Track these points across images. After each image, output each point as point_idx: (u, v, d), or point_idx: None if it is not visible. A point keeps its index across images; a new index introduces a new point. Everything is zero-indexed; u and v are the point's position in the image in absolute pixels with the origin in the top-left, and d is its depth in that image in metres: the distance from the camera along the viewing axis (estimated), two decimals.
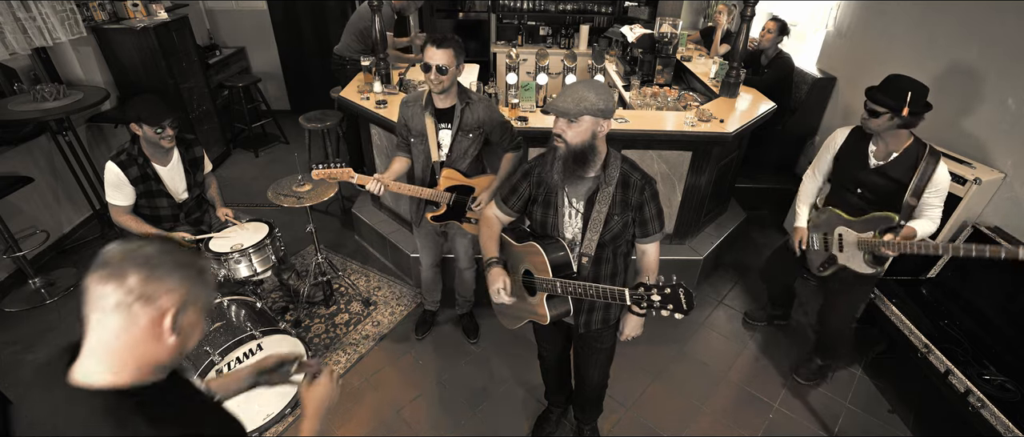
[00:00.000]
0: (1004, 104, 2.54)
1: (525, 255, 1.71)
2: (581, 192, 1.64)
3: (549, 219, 1.70)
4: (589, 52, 5.26)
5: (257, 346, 2.20)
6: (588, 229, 1.63)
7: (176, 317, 0.85)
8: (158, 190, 2.46)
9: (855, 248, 2.23)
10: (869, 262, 2.22)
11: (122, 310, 0.81)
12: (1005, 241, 2.42)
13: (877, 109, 2.00)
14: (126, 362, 0.83)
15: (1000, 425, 1.98)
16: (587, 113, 1.49)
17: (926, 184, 2.03)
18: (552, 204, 1.68)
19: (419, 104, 2.24)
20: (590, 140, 1.54)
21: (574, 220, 1.67)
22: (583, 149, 1.54)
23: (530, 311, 1.77)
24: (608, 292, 1.51)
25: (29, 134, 3.29)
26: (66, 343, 0.88)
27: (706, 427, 2.49)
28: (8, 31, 3.05)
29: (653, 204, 1.67)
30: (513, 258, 1.78)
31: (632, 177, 1.63)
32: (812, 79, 3.86)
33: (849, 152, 2.25)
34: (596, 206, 1.61)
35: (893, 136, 2.07)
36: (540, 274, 1.66)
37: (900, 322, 2.48)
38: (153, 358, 0.86)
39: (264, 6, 5.44)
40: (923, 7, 2.99)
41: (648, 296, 1.41)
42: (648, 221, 1.68)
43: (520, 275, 1.76)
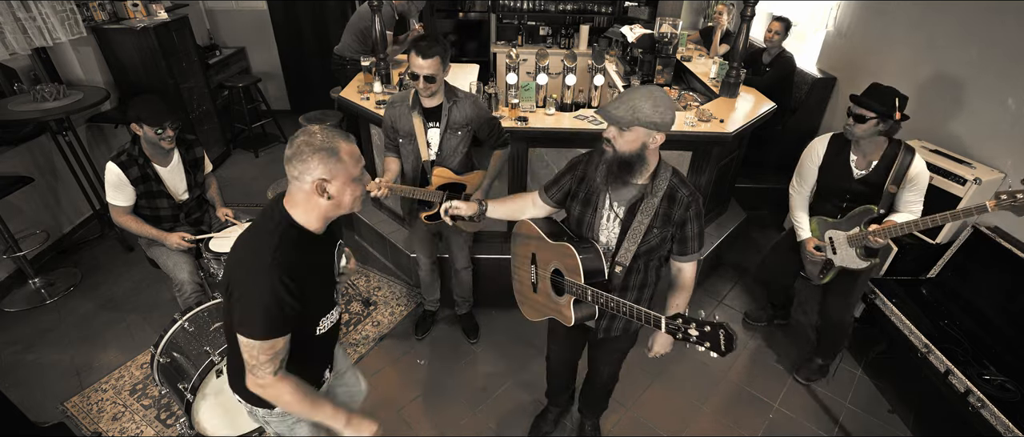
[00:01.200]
0: (1004, 104, 2.54)
1: (558, 254, 1.67)
2: (624, 198, 1.60)
3: (586, 218, 1.66)
4: (589, 52, 5.25)
5: None
6: (626, 238, 1.59)
7: (322, 187, 1.24)
8: (158, 191, 2.46)
9: (847, 246, 2.27)
10: (862, 256, 2.26)
11: (293, 183, 1.25)
12: (1005, 241, 2.42)
13: (865, 114, 2.03)
14: (306, 211, 1.29)
15: (1000, 425, 1.98)
16: (639, 125, 1.44)
17: (904, 175, 2.08)
18: (592, 203, 1.65)
19: (405, 104, 2.23)
20: (639, 150, 1.49)
21: (612, 224, 1.63)
22: (630, 159, 1.50)
23: (554, 309, 1.75)
24: (643, 315, 1.46)
25: (29, 134, 3.29)
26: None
27: (706, 427, 2.49)
28: (8, 31, 3.05)
29: (696, 223, 1.62)
30: (544, 251, 1.74)
31: (679, 192, 1.57)
32: (812, 79, 3.86)
33: (831, 164, 2.27)
34: (638, 216, 1.57)
35: (873, 143, 2.12)
36: (571, 277, 1.62)
37: (900, 322, 2.48)
38: (320, 212, 1.29)
39: (264, 6, 5.44)
40: (923, 7, 2.99)
41: (685, 329, 1.35)
42: (689, 239, 1.63)
43: (549, 271, 1.73)
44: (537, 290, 1.81)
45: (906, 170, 2.08)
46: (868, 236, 2.11)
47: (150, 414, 2.46)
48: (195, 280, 2.49)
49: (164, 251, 2.50)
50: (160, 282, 3.14)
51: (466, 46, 6.05)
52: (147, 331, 2.92)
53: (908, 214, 2.13)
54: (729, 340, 1.29)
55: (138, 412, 2.47)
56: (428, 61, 2.03)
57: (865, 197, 2.19)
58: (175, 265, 2.47)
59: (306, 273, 1.29)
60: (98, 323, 3.00)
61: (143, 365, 2.70)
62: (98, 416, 2.45)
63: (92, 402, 2.52)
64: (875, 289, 2.63)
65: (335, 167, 1.23)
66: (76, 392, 2.56)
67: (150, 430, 2.39)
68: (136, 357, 2.76)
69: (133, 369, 2.70)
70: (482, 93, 3.05)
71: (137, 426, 2.41)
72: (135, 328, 2.96)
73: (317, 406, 1.37)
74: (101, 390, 2.58)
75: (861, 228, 2.19)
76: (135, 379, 2.64)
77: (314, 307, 1.38)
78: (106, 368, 2.70)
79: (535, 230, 1.75)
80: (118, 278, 3.35)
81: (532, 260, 1.81)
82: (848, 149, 2.21)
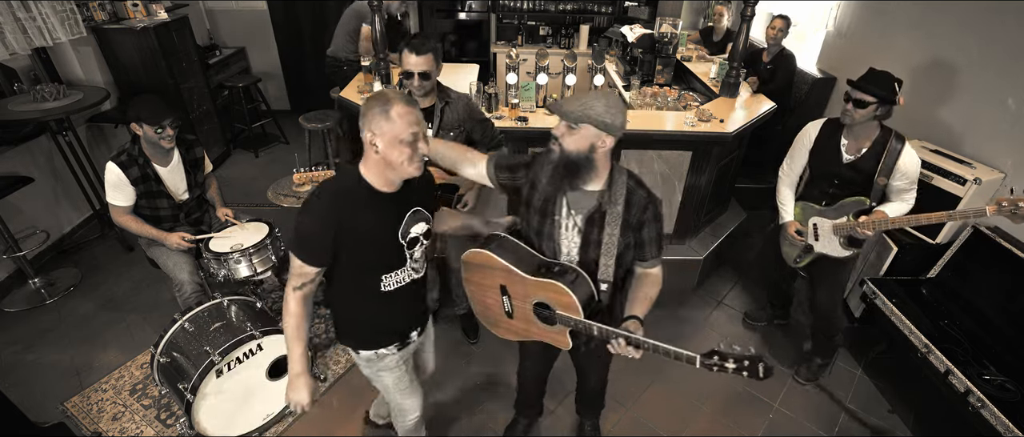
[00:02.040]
0: (1004, 104, 2.54)
1: (543, 290, 1.56)
2: (582, 206, 1.53)
3: (545, 228, 1.59)
4: (589, 52, 5.26)
5: (257, 346, 2.21)
6: (603, 255, 1.52)
7: (372, 142, 1.35)
8: (158, 190, 2.46)
9: (831, 235, 2.30)
10: (844, 245, 2.29)
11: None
12: (1005, 241, 2.42)
13: (866, 99, 2.03)
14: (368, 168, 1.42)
15: (1000, 425, 1.98)
16: (589, 123, 1.39)
17: (893, 164, 2.09)
18: (549, 213, 1.57)
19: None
20: (587, 152, 1.43)
21: (571, 234, 1.57)
22: (578, 160, 1.43)
23: (541, 335, 1.68)
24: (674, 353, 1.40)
25: (29, 134, 3.29)
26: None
27: (706, 427, 2.49)
28: (8, 31, 3.05)
29: (654, 226, 1.55)
30: (520, 285, 1.61)
31: (636, 195, 1.52)
32: (812, 79, 3.86)
33: (822, 147, 2.28)
34: (607, 229, 1.51)
35: (866, 129, 2.12)
36: (566, 312, 1.53)
37: (900, 322, 2.48)
38: (378, 169, 1.41)
39: (264, 6, 5.44)
40: (923, 7, 2.99)
41: (723, 364, 1.34)
42: (646, 243, 1.57)
43: (530, 303, 1.62)
44: (513, 318, 1.72)
45: (896, 157, 2.09)
46: (856, 227, 2.13)
47: (150, 414, 2.46)
48: (195, 280, 2.49)
49: (164, 251, 2.50)
50: (160, 282, 3.14)
51: (466, 46, 6.05)
52: (147, 331, 2.92)
53: (901, 204, 2.15)
54: (768, 370, 1.31)
55: (138, 412, 2.47)
56: (422, 57, 2.01)
57: (853, 183, 2.20)
58: (175, 265, 2.47)
59: (358, 225, 1.40)
60: (98, 323, 3.00)
61: (143, 365, 2.71)
62: (98, 416, 2.45)
63: (92, 402, 2.52)
64: (875, 289, 2.63)
65: (384, 125, 1.32)
66: (76, 392, 2.56)
67: (150, 430, 2.39)
68: (136, 357, 2.76)
69: (133, 369, 2.70)
70: (482, 93, 3.04)
71: (137, 426, 2.41)
72: (135, 328, 2.96)
73: (294, 340, 1.49)
74: (101, 390, 2.58)
75: (849, 218, 2.21)
76: (135, 379, 2.64)
77: (371, 261, 1.49)
78: (106, 368, 2.70)
79: (500, 262, 1.60)
80: (118, 278, 3.35)
81: (502, 291, 1.68)
82: (840, 134, 2.22)
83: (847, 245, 2.28)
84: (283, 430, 2.42)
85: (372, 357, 1.66)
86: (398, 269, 1.54)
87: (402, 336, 1.69)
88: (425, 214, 1.56)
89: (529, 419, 2.39)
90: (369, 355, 1.66)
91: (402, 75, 2.08)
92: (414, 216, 1.52)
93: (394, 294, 1.57)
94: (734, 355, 1.33)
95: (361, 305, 1.58)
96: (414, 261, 1.58)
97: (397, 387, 1.77)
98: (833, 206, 2.27)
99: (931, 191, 2.57)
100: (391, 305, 1.59)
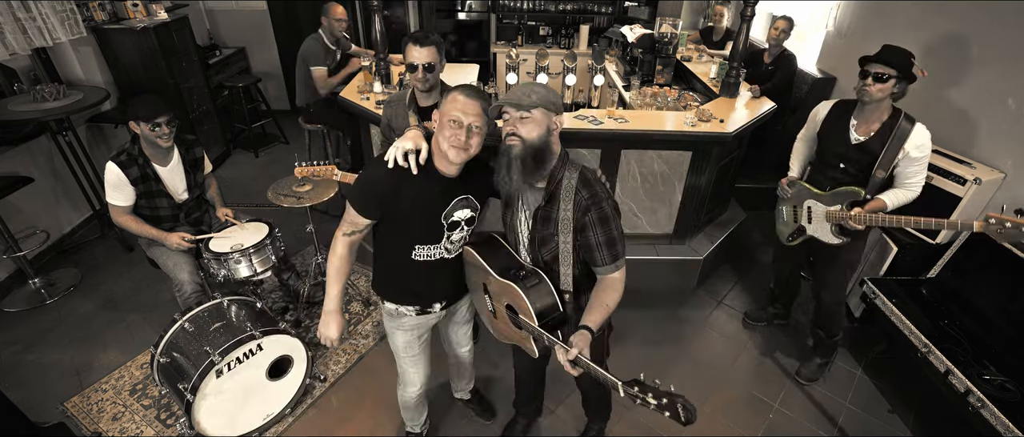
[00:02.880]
0: (1004, 104, 2.54)
1: (508, 292, 1.56)
2: (530, 202, 1.54)
3: (508, 219, 1.65)
4: (589, 52, 5.26)
5: (257, 346, 2.21)
6: (561, 263, 1.49)
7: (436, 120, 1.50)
8: (158, 190, 2.46)
9: (823, 220, 2.31)
10: (835, 233, 2.30)
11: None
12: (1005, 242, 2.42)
13: (887, 72, 1.99)
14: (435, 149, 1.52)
15: (1000, 425, 1.98)
16: (539, 105, 1.40)
17: (897, 152, 2.06)
18: (511, 205, 1.63)
19: (402, 103, 2.22)
20: (545, 135, 1.43)
21: (524, 228, 1.60)
22: (541, 146, 1.42)
23: (517, 339, 1.68)
24: (601, 377, 1.33)
25: (29, 134, 3.29)
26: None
27: (706, 427, 2.49)
28: (8, 31, 3.05)
29: (599, 229, 1.46)
30: (494, 284, 1.63)
31: (579, 195, 1.46)
32: (812, 79, 3.86)
33: (831, 127, 2.28)
34: (560, 236, 1.47)
35: (877, 109, 2.10)
36: (524, 317, 1.52)
37: (900, 322, 2.48)
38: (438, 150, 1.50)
39: (264, 6, 5.44)
40: (922, 7, 2.99)
41: (644, 397, 1.24)
42: (593, 248, 1.48)
43: (503, 305, 1.64)
44: (496, 317, 1.74)
45: (904, 138, 2.04)
46: (847, 218, 2.14)
47: (150, 414, 2.46)
48: (195, 280, 2.49)
49: (164, 251, 2.50)
50: (160, 282, 3.14)
51: (466, 46, 6.06)
52: (147, 331, 2.92)
53: (904, 191, 2.13)
54: (689, 411, 1.19)
55: (138, 412, 2.47)
56: (425, 49, 2.01)
57: (858, 166, 2.18)
58: (175, 265, 2.47)
59: (407, 195, 1.50)
60: (98, 323, 3.00)
61: (143, 365, 2.71)
62: (98, 416, 2.45)
63: (92, 402, 2.52)
64: (875, 289, 2.63)
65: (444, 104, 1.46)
66: (76, 392, 2.56)
67: (150, 430, 2.39)
68: (136, 357, 2.76)
69: (133, 369, 2.70)
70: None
71: (137, 426, 2.41)
72: (135, 328, 2.96)
73: (333, 280, 1.62)
74: (101, 390, 2.58)
75: (842, 208, 2.21)
76: (135, 379, 2.64)
77: (409, 230, 1.60)
78: (106, 368, 2.70)
79: (479, 260, 1.62)
80: (118, 278, 3.35)
81: (485, 290, 1.72)
82: (850, 115, 2.20)
83: (838, 233, 2.29)
84: (283, 430, 2.42)
85: (393, 311, 1.80)
86: (431, 245, 1.63)
87: (423, 302, 1.78)
88: (473, 202, 1.64)
89: (528, 417, 2.39)
90: (390, 308, 1.80)
91: (406, 68, 2.09)
92: (461, 202, 1.60)
93: (422, 265, 1.66)
94: (655, 390, 1.23)
95: (392, 263, 1.72)
96: (450, 242, 1.65)
97: (407, 352, 1.89)
98: (830, 192, 2.28)
99: (931, 191, 2.56)
100: (418, 273, 1.69)
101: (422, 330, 1.88)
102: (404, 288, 1.76)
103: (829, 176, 2.30)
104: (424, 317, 1.82)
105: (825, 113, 2.31)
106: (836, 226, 2.28)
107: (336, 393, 2.60)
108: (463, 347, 2.15)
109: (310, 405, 2.53)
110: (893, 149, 2.07)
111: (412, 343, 1.87)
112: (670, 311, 3.16)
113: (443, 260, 1.68)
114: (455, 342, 2.13)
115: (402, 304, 1.77)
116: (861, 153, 2.16)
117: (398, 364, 1.97)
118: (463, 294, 1.91)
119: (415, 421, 2.23)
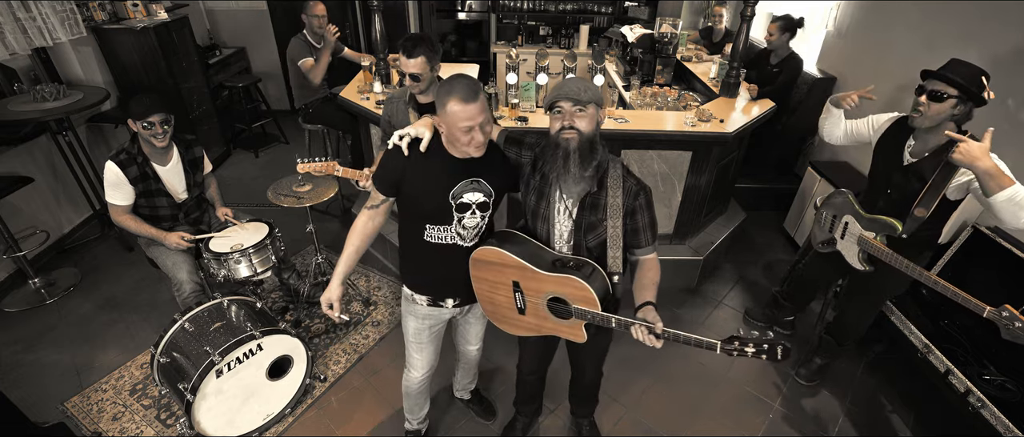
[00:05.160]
0: (1004, 104, 2.54)
1: (559, 285, 1.59)
2: (573, 191, 1.59)
3: (541, 210, 1.65)
4: (589, 52, 5.26)
5: (257, 346, 2.21)
6: (611, 246, 1.57)
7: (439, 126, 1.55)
8: (157, 190, 2.46)
9: (855, 242, 2.21)
10: (862, 259, 2.20)
11: None
12: (1005, 241, 2.42)
13: (947, 92, 1.75)
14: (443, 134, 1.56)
15: (1000, 425, 1.98)
16: (594, 101, 1.47)
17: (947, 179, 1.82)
18: (545, 196, 1.63)
19: (402, 100, 2.29)
20: (596, 128, 1.51)
21: (563, 218, 1.63)
22: (593, 138, 1.50)
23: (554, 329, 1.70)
24: (694, 341, 1.45)
25: (29, 134, 3.29)
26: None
27: (706, 427, 2.49)
28: (8, 31, 3.05)
29: (647, 212, 1.60)
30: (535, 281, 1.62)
31: (627, 181, 1.58)
32: (812, 79, 3.85)
33: (886, 143, 2.07)
34: (609, 221, 1.56)
35: (937, 132, 1.88)
36: (584, 306, 1.56)
37: (900, 322, 2.48)
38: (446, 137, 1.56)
39: (264, 6, 5.44)
40: (923, 7, 2.99)
41: (743, 349, 1.39)
42: (640, 230, 1.61)
43: (544, 299, 1.64)
44: (525, 314, 1.74)
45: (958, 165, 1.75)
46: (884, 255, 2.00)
47: (150, 414, 2.46)
48: (194, 280, 2.49)
49: (163, 251, 2.50)
50: (160, 282, 3.14)
51: (466, 46, 6.06)
52: (147, 331, 2.92)
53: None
54: (785, 350, 1.36)
55: (138, 412, 2.47)
56: (413, 60, 2.12)
57: (902, 194, 1.99)
58: (174, 265, 2.47)
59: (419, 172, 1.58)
60: (98, 323, 3.00)
61: (143, 365, 2.71)
62: (98, 416, 2.45)
63: (92, 402, 2.52)
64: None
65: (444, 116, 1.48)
66: (76, 392, 2.56)
67: (150, 430, 2.39)
68: (136, 357, 2.76)
69: (133, 369, 2.70)
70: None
71: (137, 426, 2.41)
72: (135, 328, 2.97)
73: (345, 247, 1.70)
74: (101, 390, 2.58)
75: (878, 238, 2.09)
76: (135, 379, 2.64)
77: (419, 207, 1.64)
78: (106, 368, 2.70)
79: (513, 259, 1.61)
80: (118, 278, 3.35)
81: (515, 287, 1.69)
82: (908, 134, 1.99)
83: (864, 260, 2.18)
84: (283, 430, 2.42)
85: (408, 296, 1.86)
86: (442, 226, 1.65)
87: (436, 294, 1.82)
88: (486, 187, 1.64)
89: (528, 417, 2.39)
90: (407, 293, 1.86)
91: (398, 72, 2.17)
92: (471, 184, 1.61)
93: (435, 248, 1.68)
94: (752, 340, 1.38)
95: (409, 246, 1.77)
96: (461, 226, 1.66)
97: (415, 339, 1.94)
98: (869, 217, 2.13)
99: None
100: (430, 258, 1.72)
101: (434, 322, 1.90)
102: (417, 273, 1.81)
103: (876, 201, 2.16)
104: (436, 310, 1.85)
105: (885, 127, 2.07)
106: (864, 253, 2.16)
107: (336, 393, 2.60)
108: (472, 345, 2.16)
109: (310, 405, 2.53)
110: (943, 176, 1.82)
111: (422, 331, 1.91)
112: (670, 311, 3.16)
113: (457, 247, 1.69)
114: (465, 339, 2.14)
115: (417, 292, 1.82)
116: (909, 178, 1.96)
117: (406, 347, 2.01)
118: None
119: (414, 413, 2.23)
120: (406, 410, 2.24)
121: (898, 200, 2.02)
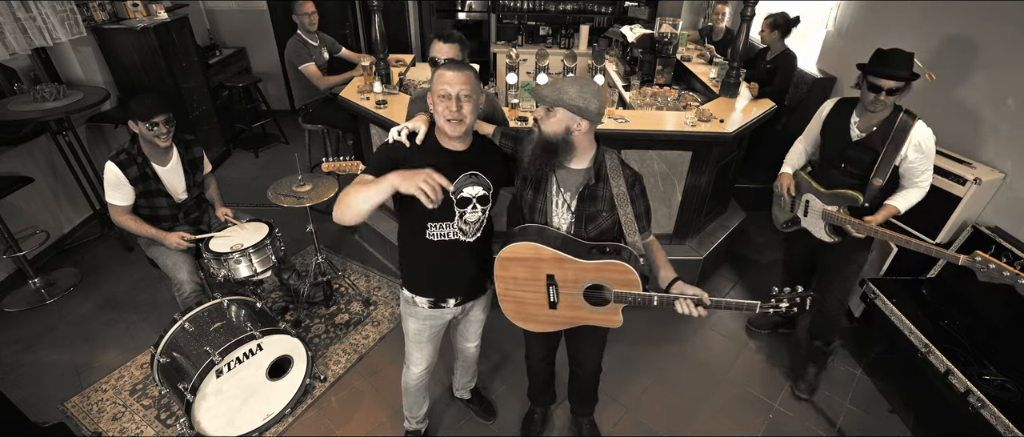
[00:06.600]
0: (1004, 104, 2.54)
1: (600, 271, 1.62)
2: (570, 184, 1.63)
3: (538, 204, 1.68)
4: (589, 52, 5.26)
5: (257, 346, 2.21)
6: (626, 230, 1.63)
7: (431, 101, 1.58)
8: (157, 190, 2.46)
9: (819, 217, 2.31)
10: (829, 232, 2.30)
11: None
12: (1005, 241, 2.42)
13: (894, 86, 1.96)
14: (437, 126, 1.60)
15: (1000, 425, 1.98)
16: (562, 106, 1.48)
17: (897, 150, 2.04)
18: (542, 190, 1.66)
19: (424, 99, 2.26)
20: (563, 134, 1.53)
21: (561, 210, 1.66)
22: (554, 141, 1.53)
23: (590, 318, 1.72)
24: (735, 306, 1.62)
25: (29, 134, 3.29)
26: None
27: (706, 427, 2.49)
28: (8, 31, 3.05)
29: (643, 199, 1.68)
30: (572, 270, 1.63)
31: (626, 171, 1.65)
32: (812, 79, 3.85)
33: (832, 125, 2.27)
34: (620, 208, 1.62)
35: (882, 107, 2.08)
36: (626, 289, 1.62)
37: (900, 322, 2.48)
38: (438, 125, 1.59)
39: (264, 6, 5.44)
40: (922, 7, 2.99)
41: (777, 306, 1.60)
42: (642, 215, 1.68)
43: (581, 287, 1.66)
44: (558, 307, 1.74)
45: (905, 134, 2.02)
46: (848, 224, 2.14)
47: (150, 414, 2.46)
48: (194, 280, 2.49)
49: (163, 251, 2.50)
50: (160, 282, 3.14)
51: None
52: (147, 331, 2.92)
53: (914, 191, 2.13)
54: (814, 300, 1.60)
55: (138, 412, 2.48)
56: (448, 45, 2.17)
57: (859, 166, 2.15)
58: (174, 265, 2.47)
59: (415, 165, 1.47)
60: (98, 323, 3.00)
61: (143, 365, 2.71)
62: (98, 416, 2.45)
63: (92, 402, 2.52)
64: (875, 289, 2.63)
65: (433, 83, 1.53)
66: (76, 392, 2.56)
67: (150, 430, 2.39)
68: (136, 357, 2.76)
69: (133, 369, 2.70)
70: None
71: (137, 426, 2.41)
72: (135, 328, 2.97)
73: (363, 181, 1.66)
74: (101, 390, 2.58)
75: (840, 210, 2.22)
76: (135, 379, 2.64)
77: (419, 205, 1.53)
78: (106, 368, 2.70)
79: (549, 252, 1.61)
80: (118, 278, 3.35)
81: (549, 281, 1.68)
82: (851, 111, 2.19)
83: (831, 232, 2.29)
84: (283, 430, 2.42)
85: (408, 298, 1.85)
86: (444, 222, 1.65)
87: (436, 295, 1.82)
88: (484, 180, 1.65)
89: (544, 407, 2.40)
90: (407, 295, 1.85)
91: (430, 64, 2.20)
92: (470, 178, 1.62)
93: (437, 246, 1.68)
94: (785, 296, 1.58)
95: (410, 246, 1.77)
96: (463, 222, 1.67)
97: (416, 338, 1.95)
98: (829, 192, 2.27)
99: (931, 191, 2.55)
100: (432, 257, 1.72)
101: (435, 322, 1.91)
102: (419, 274, 1.80)
103: (831, 176, 2.29)
104: (437, 311, 1.85)
105: (827, 111, 2.31)
106: (830, 226, 2.28)
107: (336, 393, 2.60)
108: (471, 342, 2.17)
109: (310, 405, 2.53)
110: (894, 147, 2.05)
111: (422, 330, 1.93)
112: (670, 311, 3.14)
113: (459, 243, 1.69)
114: (464, 336, 2.15)
115: (418, 294, 1.82)
116: (861, 151, 2.13)
117: (405, 344, 2.01)
118: (479, 293, 1.94)
119: (414, 412, 2.23)
120: (405, 408, 2.24)
121: (855, 173, 2.19)
